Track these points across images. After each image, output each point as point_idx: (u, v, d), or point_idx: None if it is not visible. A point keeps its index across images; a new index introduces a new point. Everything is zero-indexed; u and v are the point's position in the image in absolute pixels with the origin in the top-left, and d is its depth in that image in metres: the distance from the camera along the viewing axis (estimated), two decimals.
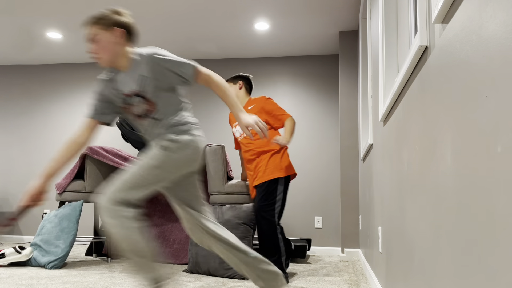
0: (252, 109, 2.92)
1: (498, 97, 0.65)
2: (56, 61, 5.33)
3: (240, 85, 3.02)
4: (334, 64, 4.85)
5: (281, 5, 3.74)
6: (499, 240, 0.64)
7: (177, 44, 4.66)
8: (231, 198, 3.07)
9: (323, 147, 4.72)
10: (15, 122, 5.37)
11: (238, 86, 3.01)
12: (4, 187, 5.27)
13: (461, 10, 0.85)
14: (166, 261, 3.47)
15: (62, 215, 3.26)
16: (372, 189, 2.66)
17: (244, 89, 3.03)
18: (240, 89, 3.01)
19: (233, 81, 3.04)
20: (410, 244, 1.37)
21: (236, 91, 3.01)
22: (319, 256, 4.23)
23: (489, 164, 0.69)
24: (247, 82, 3.05)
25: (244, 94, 3.04)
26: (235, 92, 3.01)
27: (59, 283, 2.50)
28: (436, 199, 1.03)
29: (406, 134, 1.45)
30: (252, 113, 2.88)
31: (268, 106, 2.89)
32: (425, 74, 1.16)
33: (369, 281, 2.67)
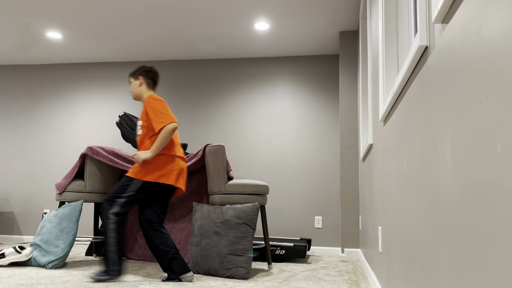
0: (143, 111, 2.75)
1: (498, 97, 0.65)
2: (56, 61, 5.33)
3: (140, 81, 2.80)
4: (334, 64, 4.85)
5: (281, 5, 3.74)
6: (499, 240, 0.64)
7: (177, 44, 4.66)
8: (231, 198, 3.07)
9: (323, 147, 4.72)
10: (15, 122, 5.37)
11: (138, 82, 2.80)
12: (4, 187, 5.27)
13: (461, 10, 0.85)
14: None
15: (62, 215, 3.26)
16: (372, 189, 2.66)
17: (145, 85, 2.80)
18: (140, 86, 2.79)
19: (133, 76, 2.82)
20: (410, 244, 1.37)
21: (135, 89, 2.80)
22: (319, 256, 4.23)
23: (489, 164, 0.69)
24: (149, 77, 2.81)
25: (146, 90, 2.80)
26: (135, 89, 2.79)
27: (59, 283, 2.50)
28: (436, 199, 1.03)
29: (406, 134, 1.45)
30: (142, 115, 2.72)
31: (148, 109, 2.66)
32: (425, 74, 1.16)
33: (369, 281, 2.67)
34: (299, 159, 4.74)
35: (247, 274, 2.78)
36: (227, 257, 2.81)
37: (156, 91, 5.14)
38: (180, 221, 3.63)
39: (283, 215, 4.68)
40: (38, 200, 5.18)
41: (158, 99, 2.69)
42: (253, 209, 2.91)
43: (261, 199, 3.16)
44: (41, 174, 5.21)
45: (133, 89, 2.84)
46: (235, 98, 4.98)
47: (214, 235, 2.90)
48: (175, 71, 5.14)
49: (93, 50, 4.91)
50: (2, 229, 5.19)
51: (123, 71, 5.25)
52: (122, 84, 5.23)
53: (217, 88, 5.04)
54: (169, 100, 5.10)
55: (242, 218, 2.89)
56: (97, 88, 5.27)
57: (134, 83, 2.83)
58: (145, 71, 2.83)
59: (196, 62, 5.13)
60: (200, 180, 3.66)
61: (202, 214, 3.03)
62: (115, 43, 4.69)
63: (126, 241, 3.65)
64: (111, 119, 5.19)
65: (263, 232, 3.49)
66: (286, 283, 2.66)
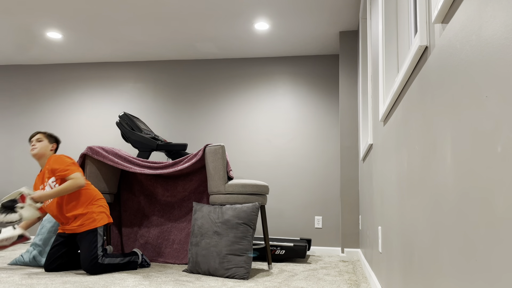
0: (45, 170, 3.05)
1: (498, 97, 0.65)
2: (56, 61, 5.33)
3: (53, 147, 3.14)
4: (334, 64, 4.85)
5: (281, 5, 3.74)
6: (499, 240, 0.64)
7: (177, 44, 4.66)
8: (231, 198, 3.07)
9: (323, 147, 4.72)
10: (15, 122, 5.37)
11: (51, 147, 3.12)
12: (4, 187, 5.27)
13: (461, 10, 0.85)
14: (166, 261, 3.47)
15: None
16: (372, 189, 2.66)
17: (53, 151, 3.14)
18: (51, 150, 3.11)
19: (48, 139, 3.13)
20: (410, 244, 1.37)
21: (46, 150, 3.08)
22: (319, 256, 4.23)
23: (489, 164, 0.69)
24: (58, 146, 3.20)
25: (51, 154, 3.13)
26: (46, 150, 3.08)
27: (59, 283, 2.50)
28: (436, 199, 1.03)
29: (406, 134, 1.45)
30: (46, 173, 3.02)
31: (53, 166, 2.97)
32: (425, 74, 1.16)
33: (369, 281, 2.67)
34: (299, 159, 4.74)
35: (247, 274, 2.78)
36: (227, 257, 2.81)
37: (156, 91, 5.14)
38: (180, 221, 3.63)
39: (283, 215, 4.68)
40: None
41: None
42: (253, 209, 2.91)
43: (261, 199, 3.16)
44: None
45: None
46: (235, 98, 4.98)
47: (214, 235, 2.90)
48: (175, 71, 5.14)
49: (93, 50, 4.91)
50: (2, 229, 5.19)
51: (123, 71, 5.25)
52: (122, 84, 5.23)
53: (217, 88, 5.04)
54: (169, 100, 5.11)
55: (242, 218, 2.89)
56: (97, 88, 5.27)
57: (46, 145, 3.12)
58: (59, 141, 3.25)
59: (196, 62, 5.13)
60: (200, 180, 3.66)
61: (202, 214, 3.03)
62: (115, 43, 4.69)
63: None
64: (111, 119, 5.19)
65: (263, 232, 3.49)
66: (286, 283, 2.66)
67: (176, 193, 3.71)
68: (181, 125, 5.04)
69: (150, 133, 3.96)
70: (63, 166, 2.97)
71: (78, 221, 2.94)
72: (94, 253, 2.84)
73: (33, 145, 3.08)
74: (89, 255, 2.83)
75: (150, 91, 5.16)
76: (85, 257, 2.83)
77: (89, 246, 2.86)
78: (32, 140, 3.09)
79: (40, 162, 3.10)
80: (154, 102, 5.13)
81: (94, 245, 2.86)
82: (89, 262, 2.81)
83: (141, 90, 5.18)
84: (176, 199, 3.70)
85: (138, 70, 5.22)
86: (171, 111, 5.08)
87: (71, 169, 2.97)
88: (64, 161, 2.99)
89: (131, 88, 5.20)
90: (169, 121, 5.07)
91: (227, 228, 2.88)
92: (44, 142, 3.09)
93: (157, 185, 3.75)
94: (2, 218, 2.80)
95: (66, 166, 2.97)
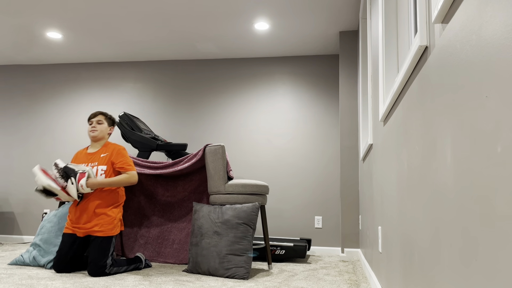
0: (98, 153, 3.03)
1: (498, 97, 0.65)
2: (56, 61, 5.33)
3: (111, 130, 3.12)
4: (334, 64, 4.85)
5: (281, 5, 3.74)
6: (499, 240, 0.64)
7: (177, 44, 4.66)
8: (231, 198, 3.07)
9: (323, 147, 4.72)
10: (15, 122, 5.37)
11: (109, 130, 3.10)
12: (4, 187, 5.27)
13: (461, 10, 0.85)
14: (166, 261, 3.47)
15: (61, 214, 3.26)
16: (372, 189, 2.66)
17: (110, 134, 3.13)
18: (108, 134, 3.10)
19: (108, 122, 3.11)
20: (410, 244, 1.37)
21: (105, 133, 3.07)
22: (319, 256, 4.23)
23: (489, 164, 0.69)
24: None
25: (107, 138, 3.14)
26: (105, 133, 3.07)
27: (59, 283, 2.50)
28: (436, 199, 1.03)
29: (406, 134, 1.45)
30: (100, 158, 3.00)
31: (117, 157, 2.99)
32: (425, 74, 1.16)
33: (369, 281, 2.67)
34: (299, 159, 4.74)
35: (247, 274, 2.78)
36: (227, 257, 2.81)
37: (156, 91, 5.15)
38: (180, 221, 3.63)
39: (283, 215, 4.68)
40: (38, 200, 5.18)
41: None
42: (253, 209, 2.91)
43: (261, 199, 3.16)
44: None
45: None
46: (235, 98, 4.98)
47: (214, 235, 2.90)
48: (175, 71, 5.14)
49: (93, 50, 4.91)
50: (2, 229, 5.19)
51: (123, 71, 5.25)
52: (122, 84, 5.23)
53: (217, 88, 5.04)
54: (169, 100, 5.10)
55: (242, 218, 2.89)
56: (97, 88, 5.27)
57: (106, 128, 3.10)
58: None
59: (196, 62, 5.13)
60: (200, 180, 3.66)
61: (202, 214, 3.03)
62: (115, 43, 4.69)
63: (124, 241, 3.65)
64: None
65: (263, 232, 3.49)
66: (286, 283, 2.66)
67: (176, 193, 3.71)
68: (181, 125, 5.04)
69: (150, 133, 3.96)
70: (127, 160, 2.99)
71: (98, 222, 2.85)
72: (104, 262, 2.77)
73: (93, 127, 3.02)
74: (99, 263, 2.75)
75: (150, 91, 5.16)
76: (94, 263, 2.75)
77: (101, 254, 2.78)
78: (93, 121, 3.04)
79: (94, 144, 3.04)
80: (154, 102, 5.13)
81: (106, 253, 2.80)
82: (97, 269, 2.74)
83: (141, 90, 5.18)
84: (176, 199, 3.70)
85: (138, 70, 5.22)
86: (171, 111, 5.08)
87: (132, 166, 3.01)
88: (127, 156, 3.02)
89: (131, 88, 5.20)
90: (169, 121, 5.07)
91: (227, 228, 2.88)
92: (104, 125, 3.05)
93: (157, 185, 3.75)
94: (55, 177, 2.81)
95: (129, 161, 3.00)
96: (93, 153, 3.01)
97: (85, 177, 2.81)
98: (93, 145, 3.05)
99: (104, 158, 2.97)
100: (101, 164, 2.95)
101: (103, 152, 3.00)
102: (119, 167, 2.95)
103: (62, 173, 2.80)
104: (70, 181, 2.79)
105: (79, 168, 2.85)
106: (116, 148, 3.01)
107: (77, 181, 2.80)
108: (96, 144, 3.04)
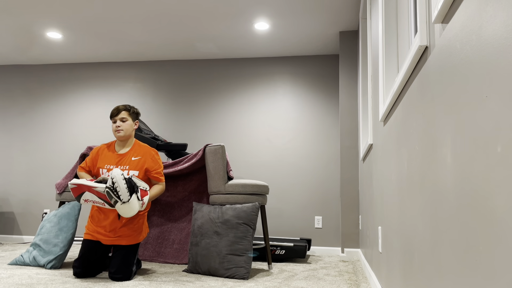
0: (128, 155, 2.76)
1: (498, 97, 0.65)
2: (56, 61, 5.33)
3: (136, 124, 2.85)
4: (334, 64, 4.85)
5: (281, 5, 3.74)
6: (499, 240, 0.64)
7: (177, 44, 4.66)
8: (231, 198, 3.07)
9: (323, 147, 4.72)
10: (15, 122, 5.37)
11: (134, 125, 2.83)
12: (4, 187, 5.27)
13: (461, 10, 0.85)
14: (166, 261, 3.47)
15: (61, 214, 3.26)
16: (372, 189, 2.66)
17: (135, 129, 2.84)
18: (134, 129, 2.83)
19: (132, 117, 2.82)
20: (410, 244, 1.37)
21: (131, 130, 2.80)
22: (319, 256, 4.23)
23: (489, 164, 0.69)
24: None
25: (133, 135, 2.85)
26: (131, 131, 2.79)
27: (59, 283, 2.50)
28: (436, 199, 1.03)
29: (406, 134, 1.45)
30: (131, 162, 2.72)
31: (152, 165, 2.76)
32: (425, 74, 1.16)
33: (369, 281, 2.67)
34: (299, 159, 4.74)
35: (247, 274, 2.78)
36: (227, 257, 2.81)
37: (156, 91, 5.14)
38: (180, 221, 3.63)
39: (283, 215, 4.68)
40: (38, 200, 5.18)
41: None
42: (253, 209, 2.91)
43: (261, 199, 3.16)
44: (41, 174, 5.21)
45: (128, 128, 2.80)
46: (235, 98, 4.97)
47: (214, 235, 2.90)
48: (175, 71, 5.14)
49: (93, 50, 4.91)
50: (2, 229, 5.19)
51: (123, 71, 5.25)
52: (122, 84, 5.23)
53: (217, 88, 5.04)
54: (169, 100, 5.10)
55: (242, 218, 2.89)
56: (97, 88, 5.27)
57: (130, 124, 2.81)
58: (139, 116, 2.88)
59: (196, 62, 5.13)
60: (200, 180, 3.66)
61: (202, 214, 3.03)
62: (115, 43, 4.69)
63: None
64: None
65: (263, 232, 3.49)
66: (286, 283, 2.66)
67: (176, 193, 3.71)
68: (181, 125, 5.04)
69: (150, 133, 3.96)
70: (161, 167, 2.77)
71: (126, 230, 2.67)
72: (131, 266, 2.66)
73: (117, 127, 2.73)
74: (127, 268, 2.63)
75: (150, 91, 5.16)
76: (122, 270, 2.61)
77: (129, 259, 2.66)
78: (116, 119, 2.75)
79: (122, 143, 2.78)
80: (154, 102, 5.13)
81: (133, 258, 2.69)
82: (124, 274, 2.61)
83: (141, 90, 5.18)
84: (176, 199, 3.70)
85: (138, 70, 5.22)
86: (171, 111, 5.08)
87: (162, 174, 2.81)
88: (161, 163, 2.79)
89: (131, 88, 5.20)
90: (169, 121, 5.07)
91: (227, 228, 2.88)
92: (129, 121, 2.76)
93: None
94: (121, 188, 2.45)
95: (161, 170, 2.77)
96: (123, 155, 2.75)
97: (148, 195, 2.61)
98: (120, 144, 2.78)
99: (136, 162, 2.71)
100: (133, 169, 2.71)
101: (135, 155, 2.74)
102: (154, 176, 2.74)
103: (128, 184, 2.49)
104: (136, 195, 2.52)
105: (140, 184, 2.60)
106: (149, 152, 2.76)
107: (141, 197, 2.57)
108: (124, 143, 2.78)
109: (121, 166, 2.71)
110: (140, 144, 2.83)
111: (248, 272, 2.79)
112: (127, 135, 2.76)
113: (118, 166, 2.71)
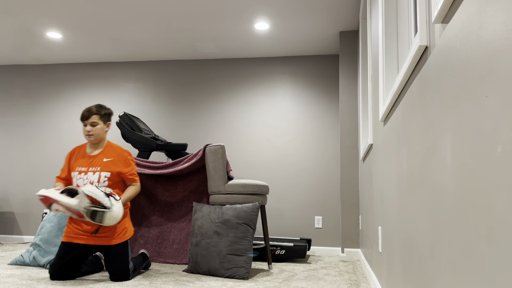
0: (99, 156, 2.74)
1: (498, 97, 0.65)
2: (56, 61, 5.33)
3: (108, 126, 2.81)
4: (334, 64, 4.85)
5: (281, 5, 3.74)
6: (499, 240, 0.64)
7: (177, 44, 4.66)
8: (231, 198, 3.07)
9: (323, 147, 4.72)
10: (15, 122, 5.37)
11: (106, 127, 2.78)
12: (4, 187, 5.27)
13: (461, 10, 0.85)
14: (166, 261, 3.46)
15: (61, 215, 3.26)
16: (372, 189, 2.66)
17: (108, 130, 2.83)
18: (106, 131, 2.79)
19: (103, 120, 2.77)
20: (410, 244, 1.37)
21: (102, 133, 2.75)
22: (319, 256, 4.23)
23: (489, 164, 0.69)
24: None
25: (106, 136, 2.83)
26: (103, 134, 2.75)
27: (59, 283, 2.50)
28: (436, 199, 1.03)
29: (406, 134, 1.45)
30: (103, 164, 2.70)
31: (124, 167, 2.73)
32: (425, 74, 1.16)
33: (369, 281, 2.67)
34: (299, 159, 4.74)
35: (247, 274, 2.78)
36: (227, 257, 2.81)
37: (156, 91, 5.15)
38: (180, 221, 3.63)
39: (283, 215, 4.68)
40: (38, 200, 5.18)
41: None
42: (253, 209, 2.91)
43: (261, 199, 3.16)
44: (41, 174, 5.21)
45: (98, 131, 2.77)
46: (235, 98, 4.98)
47: (214, 235, 2.90)
48: (175, 71, 5.14)
49: (93, 50, 4.91)
50: (2, 229, 5.19)
51: (123, 71, 5.25)
52: (122, 84, 5.23)
53: (217, 88, 5.04)
54: (169, 100, 5.10)
55: (242, 218, 2.89)
56: (97, 88, 5.27)
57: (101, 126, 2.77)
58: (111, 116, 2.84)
59: (196, 62, 5.13)
60: (200, 180, 3.66)
61: (202, 214, 3.03)
62: (115, 43, 4.69)
63: None
64: (111, 119, 5.19)
65: (263, 232, 3.49)
66: (286, 283, 2.66)
67: (176, 193, 3.71)
68: (181, 125, 5.04)
69: (150, 133, 3.96)
70: (135, 168, 2.76)
71: (110, 230, 2.65)
72: (127, 265, 2.66)
73: (88, 131, 2.69)
74: (124, 267, 2.63)
75: (150, 91, 5.16)
76: (118, 270, 2.62)
77: (123, 259, 2.65)
78: (86, 123, 2.70)
79: (94, 145, 2.75)
80: (154, 102, 5.13)
81: (127, 257, 2.67)
82: (123, 274, 2.62)
83: (141, 90, 5.18)
84: (176, 199, 3.70)
85: (138, 70, 5.22)
86: (171, 111, 5.08)
87: (137, 174, 2.79)
88: (134, 163, 2.78)
89: (131, 88, 5.20)
90: (169, 121, 5.07)
91: (227, 228, 2.88)
92: (99, 125, 2.72)
93: (157, 185, 3.75)
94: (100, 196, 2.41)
95: (135, 170, 2.76)
96: (94, 156, 2.72)
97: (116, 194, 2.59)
98: (92, 146, 2.76)
99: (107, 164, 2.69)
100: (104, 170, 2.67)
101: (106, 156, 2.72)
102: (128, 178, 2.73)
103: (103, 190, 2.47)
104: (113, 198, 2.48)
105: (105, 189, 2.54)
106: (122, 154, 2.74)
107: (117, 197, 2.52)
108: (96, 145, 2.76)
109: (92, 167, 2.69)
110: (112, 145, 2.80)
111: (248, 272, 2.79)
112: (98, 139, 2.73)
113: (89, 168, 2.68)
